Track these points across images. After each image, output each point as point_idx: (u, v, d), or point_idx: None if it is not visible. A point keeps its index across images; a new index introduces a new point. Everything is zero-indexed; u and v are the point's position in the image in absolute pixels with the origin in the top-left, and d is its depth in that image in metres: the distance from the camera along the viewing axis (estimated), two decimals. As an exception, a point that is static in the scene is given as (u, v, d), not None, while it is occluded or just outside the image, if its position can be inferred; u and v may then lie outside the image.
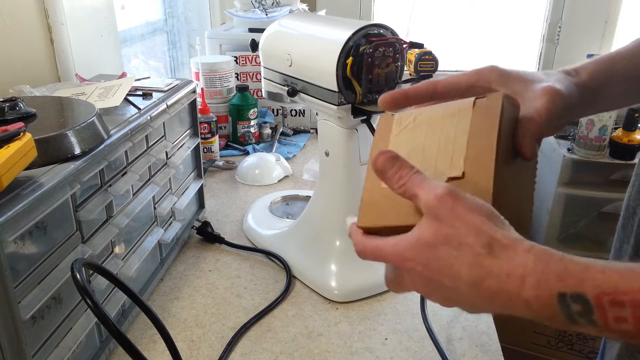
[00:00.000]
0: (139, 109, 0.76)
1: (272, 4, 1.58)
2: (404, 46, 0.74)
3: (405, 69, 0.78)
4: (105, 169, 0.65)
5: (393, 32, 0.74)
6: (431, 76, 1.38)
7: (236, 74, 1.48)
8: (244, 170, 1.24)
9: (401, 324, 0.77)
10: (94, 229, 0.65)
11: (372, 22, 0.72)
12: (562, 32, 1.88)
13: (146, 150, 0.78)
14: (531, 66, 1.99)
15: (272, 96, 0.91)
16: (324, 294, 0.82)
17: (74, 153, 0.58)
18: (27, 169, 0.49)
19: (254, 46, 0.92)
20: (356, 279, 0.82)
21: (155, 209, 0.82)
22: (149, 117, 0.76)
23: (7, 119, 0.58)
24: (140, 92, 0.83)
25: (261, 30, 0.91)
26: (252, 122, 1.41)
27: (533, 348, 1.75)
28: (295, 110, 1.54)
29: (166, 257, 0.88)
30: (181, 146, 0.91)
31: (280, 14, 1.52)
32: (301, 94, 0.81)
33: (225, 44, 1.50)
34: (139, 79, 0.90)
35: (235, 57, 1.47)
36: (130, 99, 0.80)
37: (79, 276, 0.45)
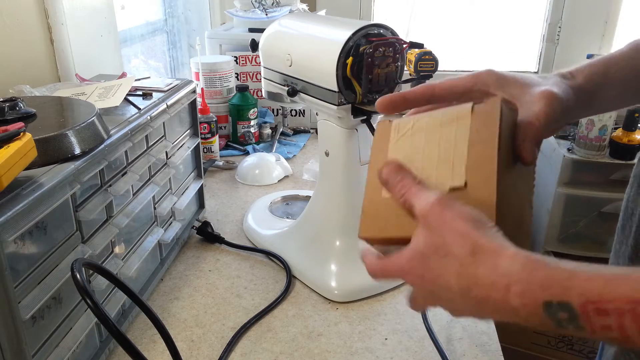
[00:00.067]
0: (139, 109, 0.76)
1: (272, 4, 1.58)
2: (404, 46, 0.74)
3: (405, 69, 0.78)
4: (105, 169, 0.65)
5: (393, 32, 0.74)
6: (431, 76, 1.38)
7: (236, 74, 1.48)
8: (244, 170, 1.24)
9: (401, 324, 0.77)
10: (94, 229, 0.65)
11: (372, 22, 0.72)
12: (562, 32, 1.88)
13: (146, 150, 0.78)
14: (531, 66, 1.99)
15: (272, 96, 0.91)
16: (324, 294, 0.82)
17: (74, 153, 0.58)
18: (27, 169, 0.49)
19: (254, 46, 0.92)
20: (356, 279, 0.82)
21: (155, 209, 0.82)
22: (149, 117, 0.76)
23: (7, 119, 0.58)
24: (140, 92, 0.83)
25: (261, 30, 0.91)
26: (252, 122, 1.41)
27: (533, 348, 1.75)
28: (295, 110, 1.54)
29: (166, 257, 0.88)
30: (181, 146, 0.91)
31: (280, 14, 1.52)
32: (301, 94, 0.81)
33: (225, 44, 1.50)
34: (139, 79, 0.90)
35: (235, 57, 1.47)
36: (130, 99, 0.80)
37: (79, 276, 0.45)
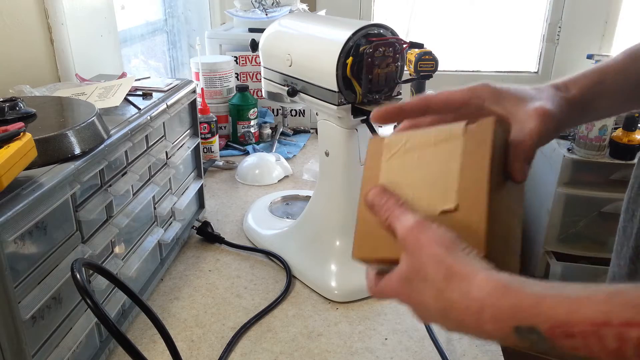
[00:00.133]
0: (139, 109, 0.76)
1: (272, 4, 1.59)
2: (404, 46, 0.74)
3: (405, 69, 0.78)
4: (105, 169, 0.65)
5: (393, 32, 0.74)
6: (431, 76, 1.38)
7: (236, 74, 1.48)
8: (244, 170, 1.24)
9: (401, 324, 0.77)
10: (94, 229, 0.65)
11: (372, 22, 0.72)
12: (562, 32, 1.88)
13: (146, 150, 0.78)
14: (531, 66, 1.99)
15: (272, 96, 0.91)
16: (324, 294, 0.82)
17: (74, 153, 0.58)
18: (27, 169, 0.49)
19: (254, 46, 0.92)
20: (356, 279, 0.81)
21: (155, 209, 0.82)
22: (149, 117, 0.76)
23: (7, 119, 0.58)
24: (140, 92, 0.83)
25: (261, 30, 0.91)
26: (252, 122, 1.41)
27: (533, 348, 1.75)
28: (295, 110, 1.54)
29: (166, 257, 0.88)
30: (181, 146, 0.91)
31: (280, 14, 1.52)
32: (301, 94, 0.81)
33: (225, 44, 1.50)
34: (139, 79, 0.90)
35: (235, 57, 1.47)
36: (130, 99, 0.80)
37: (79, 276, 0.45)
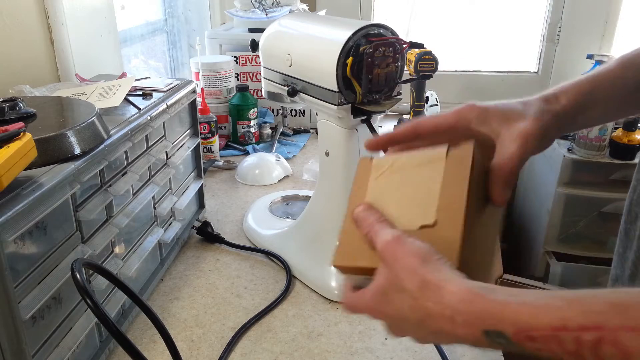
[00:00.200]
0: (139, 109, 0.76)
1: (272, 4, 1.59)
2: (404, 46, 0.74)
3: (405, 69, 0.78)
4: (105, 169, 0.65)
5: (393, 32, 0.74)
6: (431, 76, 1.38)
7: (236, 74, 1.48)
8: (244, 170, 1.24)
9: (401, 324, 0.76)
10: (94, 229, 0.65)
11: (372, 22, 0.72)
12: (562, 32, 1.88)
13: (146, 150, 0.78)
14: (531, 66, 1.99)
15: (272, 96, 0.91)
16: (324, 294, 0.82)
17: (74, 153, 0.58)
18: (27, 169, 0.49)
19: (254, 46, 0.92)
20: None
21: (155, 209, 0.82)
22: (149, 117, 0.76)
23: (7, 119, 0.58)
24: (140, 92, 0.83)
25: (261, 30, 0.91)
26: (252, 122, 1.41)
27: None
28: (295, 110, 1.54)
29: (166, 257, 0.88)
30: (181, 146, 0.91)
31: (280, 14, 1.52)
32: (301, 94, 0.81)
33: (225, 44, 1.50)
34: (139, 79, 0.90)
35: (235, 57, 1.47)
36: (130, 99, 0.80)
37: (79, 276, 0.45)
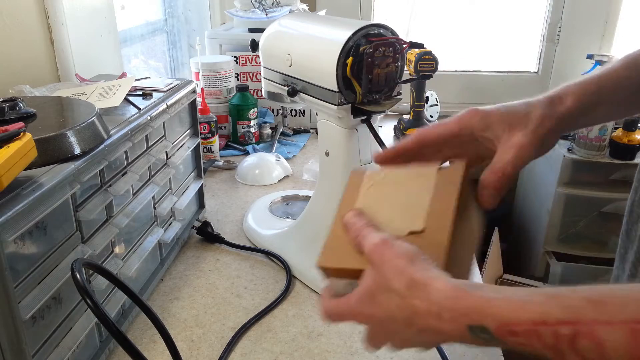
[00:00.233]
0: (139, 109, 0.76)
1: (272, 4, 1.59)
2: (404, 46, 0.74)
3: (405, 69, 0.78)
4: (105, 169, 0.65)
5: (393, 32, 0.74)
6: (431, 76, 1.38)
7: (236, 74, 1.48)
8: (244, 170, 1.24)
9: (401, 324, 0.76)
10: (94, 229, 0.65)
11: (372, 22, 0.72)
12: (562, 32, 1.88)
13: (146, 150, 0.78)
14: (531, 66, 1.99)
15: (272, 96, 0.91)
16: (324, 294, 0.82)
17: (74, 153, 0.58)
18: (27, 169, 0.49)
19: (254, 46, 0.92)
20: (356, 279, 0.81)
21: (155, 209, 0.82)
22: (149, 117, 0.76)
23: (7, 119, 0.58)
24: (140, 92, 0.83)
25: (261, 30, 0.91)
26: (252, 122, 1.41)
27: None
28: (295, 110, 1.54)
29: (166, 257, 0.88)
30: (181, 146, 0.91)
31: (280, 14, 1.52)
32: (301, 94, 0.81)
33: (225, 44, 1.50)
34: (139, 79, 0.90)
35: (235, 57, 1.47)
36: (130, 99, 0.80)
37: (79, 276, 0.45)
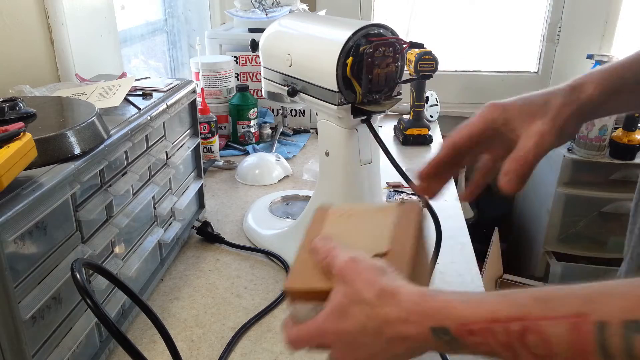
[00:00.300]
0: (139, 109, 0.76)
1: (272, 4, 1.59)
2: (404, 46, 0.74)
3: (405, 69, 0.78)
4: (105, 169, 0.65)
5: (393, 32, 0.74)
6: (431, 76, 1.37)
7: (236, 74, 1.48)
8: (244, 170, 1.24)
9: (401, 324, 0.76)
10: (94, 229, 0.65)
11: (372, 22, 0.72)
12: (562, 32, 1.88)
13: (146, 150, 0.78)
14: (531, 66, 1.99)
15: (272, 96, 0.91)
16: (324, 294, 0.82)
17: (74, 153, 0.58)
18: (27, 169, 0.49)
19: (254, 46, 0.92)
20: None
21: (155, 209, 0.82)
22: (149, 117, 0.76)
23: (7, 119, 0.58)
24: (140, 92, 0.83)
25: (261, 30, 0.91)
26: (252, 122, 1.41)
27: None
28: (295, 110, 1.54)
29: (166, 257, 0.88)
30: (181, 146, 0.91)
31: (280, 14, 1.52)
32: (301, 94, 0.81)
33: (225, 44, 1.50)
34: (139, 79, 0.90)
35: (235, 57, 1.47)
36: (130, 99, 0.80)
37: (79, 276, 0.45)
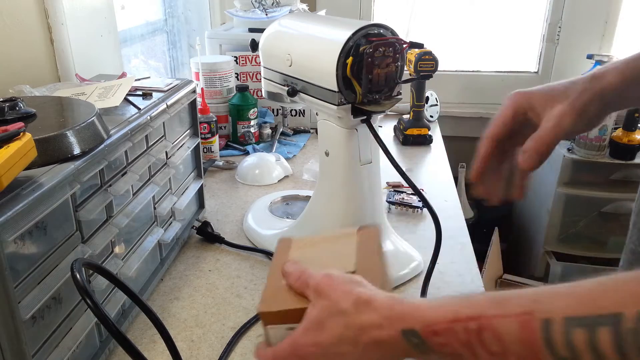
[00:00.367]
0: (139, 109, 0.76)
1: (272, 4, 1.59)
2: (404, 46, 0.74)
3: (405, 69, 0.78)
4: (105, 169, 0.65)
5: (393, 32, 0.74)
6: (431, 76, 1.37)
7: (236, 74, 1.48)
8: (244, 170, 1.24)
9: (401, 324, 0.76)
10: (94, 229, 0.65)
11: (372, 22, 0.72)
12: (562, 32, 1.88)
13: (146, 150, 0.78)
14: (531, 66, 1.99)
15: (272, 96, 0.91)
16: (324, 294, 0.82)
17: (74, 153, 0.58)
18: (27, 169, 0.49)
19: (254, 46, 0.92)
20: (356, 279, 0.81)
21: (155, 209, 0.82)
22: (149, 117, 0.76)
23: (7, 119, 0.58)
24: (140, 92, 0.83)
25: (261, 30, 0.91)
26: (252, 122, 1.41)
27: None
28: (295, 110, 1.54)
29: (166, 257, 0.88)
30: (181, 146, 0.91)
31: (280, 14, 1.52)
32: (301, 94, 0.81)
33: (225, 44, 1.50)
34: (139, 79, 0.90)
35: (235, 57, 1.47)
36: (130, 99, 0.80)
37: (79, 276, 0.45)
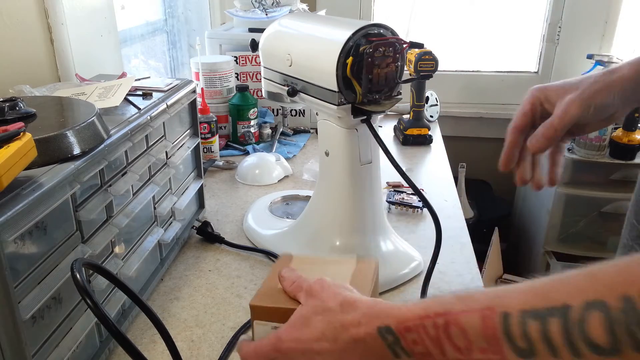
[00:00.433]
0: (139, 109, 0.76)
1: (272, 4, 1.59)
2: (404, 46, 0.74)
3: (405, 69, 0.78)
4: (105, 169, 0.65)
5: (393, 32, 0.74)
6: (431, 76, 1.37)
7: (236, 74, 1.48)
8: (244, 170, 1.24)
9: (401, 324, 0.76)
10: (94, 229, 0.65)
11: (372, 22, 0.72)
12: (562, 32, 1.88)
13: (146, 150, 0.78)
14: (531, 66, 1.99)
15: (272, 96, 0.91)
16: (324, 294, 0.82)
17: (74, 153, 0.58)
18: (27, 169, 0.49)
19: (254, 46, 0.92)
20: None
21: (155, 209, 0.82)
22: (149, 117, 0.76)
23: (7, 119, 0.58)
24: (140, 92, 0.83)
25: (261, 30, 0.91)
26: (252, 122, 1.41)
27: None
28: (295, 110, 1.54)
29: (166, 257, 0.88)
30: (181, 146, 0.91)
31: (280, 14, 1.52)
32: (301, 94, 0.81)
33: (225, 44, 1.50)
34: (139, 79, 0.90)
35: (235, 57, 1.47)
36: (130, 99, 0.80)
37: (79, 276, 0.45)
